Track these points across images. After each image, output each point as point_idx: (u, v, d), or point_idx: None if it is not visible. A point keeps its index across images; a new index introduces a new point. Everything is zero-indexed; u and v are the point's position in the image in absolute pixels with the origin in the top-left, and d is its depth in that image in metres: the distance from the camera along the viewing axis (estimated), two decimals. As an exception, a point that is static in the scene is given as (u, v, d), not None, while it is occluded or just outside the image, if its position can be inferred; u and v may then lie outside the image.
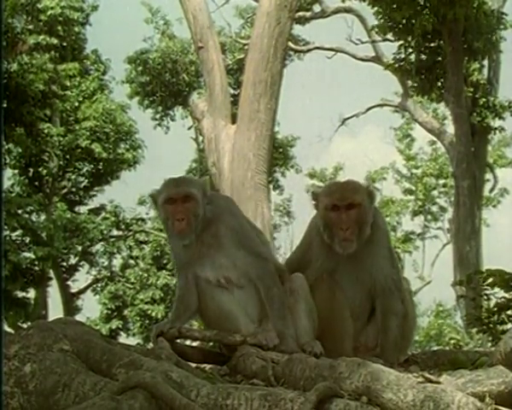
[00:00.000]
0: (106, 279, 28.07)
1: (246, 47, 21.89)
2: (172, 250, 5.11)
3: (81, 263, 27.39)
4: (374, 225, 4.95)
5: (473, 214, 20.50)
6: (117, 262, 28.72)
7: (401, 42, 20.85)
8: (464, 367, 3.99)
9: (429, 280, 33.12)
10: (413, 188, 33.54)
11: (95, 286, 28.13)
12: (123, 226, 28.24)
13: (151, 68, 28.77)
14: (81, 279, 27.69)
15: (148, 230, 28.45)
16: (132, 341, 26.02)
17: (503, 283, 6.88)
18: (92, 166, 26.96)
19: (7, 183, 24.63)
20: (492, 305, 7.24)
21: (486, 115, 21.06)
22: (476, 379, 3.52)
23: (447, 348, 10.04)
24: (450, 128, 23.51)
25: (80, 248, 26.29)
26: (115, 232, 28.21)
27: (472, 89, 21.07)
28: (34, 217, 24.28)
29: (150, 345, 5.47)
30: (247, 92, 13.22)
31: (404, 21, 19.71)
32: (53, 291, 25.99)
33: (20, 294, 23.17)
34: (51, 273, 25.38)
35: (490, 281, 7.04)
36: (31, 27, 24.44)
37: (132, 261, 28.48)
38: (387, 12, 19.59)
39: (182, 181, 4.97)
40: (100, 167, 26.90)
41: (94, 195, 27.90)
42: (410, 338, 5.17)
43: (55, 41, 24.92)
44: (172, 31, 29.57)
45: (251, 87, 13.16)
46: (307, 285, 4.88)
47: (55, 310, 25.39)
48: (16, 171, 25.66)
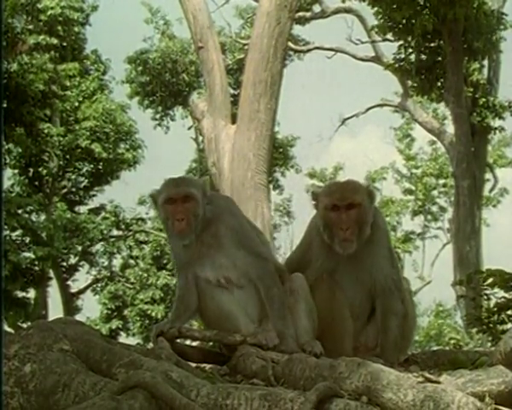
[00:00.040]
0: (106, 279, 28.07)
1: (246, 47, 21.88)
2: (172, 250, 5.11)
3: (81, 263, 27.39)
4: (374, 225, 4.95)
5: (473, 214, 20.49)
6: (117, 262, 28.77)
7: (401, 42, 20.84)
8: (464, 367, 3.99)
9: (429, 280, 33.13)
10: (413, 188, 33.53)
11: (95, 286, 28.12)
12: (123, 226, 28.24)
13: (151, 68, 28.76)
14: (81, 279, 27.75)
15: (148, 230, 28.44)
16: (132, 341, 26.03)
17: (503, 283, 6.87)
18: (92, 166, 26.96)
19: (7, 183, 24.68)
20: (492, 305, 7.22)
21: (486, 115, 21.06)
22: (476, 379, 3.52)
23: (447, 348, 10.03)
24: (450, 128, 23.52)
25: (80, 248, 26.29)
26: (115, 232, 28.21)
27: (472, 89, 21.06)
28: (34, 217, 24.30)
29: (150, 345, 5.47)
30: (247, 92, 13.21)
31: (404, 21, 19.70)
32: (53, 291, 26.03)
33: (20, 294, 23.17)
34: (51, 273, 25.38)
35: (490, 281, 7.02)
36: (31, 27, 24.43)
37: (132, 261, 28.47)
38: (387, 12, 19.59)
39: (182, 181, 4.97)
40: (100, 167, 26.90)
41: (94, 195, 27.92)
42: (410, 338, 5.17)
43: (55, 41, 24.92)
44: (172, 31, 29.62)
45: (251, 87, 13.15)
46: (307, 285, 4.88)
47: (55, 310, 25.42)
48: (16, 171, 25.66)
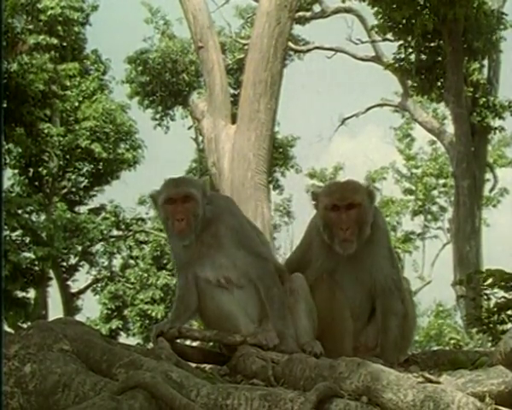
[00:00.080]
0: (106, 279, 28.06)
1: (246, 47, 21.88)
2: (172, 250, 5.11)
3: (81, 263, 27.39)
4: (374, 225, 4.95)
5: (473, 214, 20.49)
6: (117, 262, 28.76)
7: (401, 42, 20.84)
8: (464, 367, 3.99)
9: (429, 280, 33.12)
10: (413, 188, 33.53)
11: (95, 286, 28.12)
12: (123, 226, 28.23)
13: (151, 68, 28.76)
14: (81, 279, 27.74)
15: (148, 230, 28.44)
16: (132, 341, 26.04)
17: (503, 283, 6.87)
18: (92, 166, 26.96)
19: (7, 183, 24.68)
20: (492, 305, 7.22)
21: (486, 115, 21.06)
22: (476, 379, 3.52)
23: (447, 348, 10.03)
24: (450, 128, 23.51)
25: (80, 248, 26.29)
26: (115, 232, 28.20)
27: (472, 89, 21.07)
28: (34, 217, 24.30)
29: (150, 345, 5.47)
30: (247, 92, 13.21)
31: (404, 21, 19.70)
32: (53, 291, 26.03)
33: (20, 294, 23.16)
34: (51, 273, 25.37)
35: (490, 281, 7.02)
36: (31, 27, 24.44)
37: (132, 261, 28.47)
38: (387, 12, 19.58)
39: (182, 181, 4.97)
40: (100, 167, 26.90)
41: (94, 195, 27.92)
42: (410, 338, 5.16)
43: (55, 41, 24.92)
44: (172, 31, 29.62)
45: (251, 87, 13.15)
46: (307, 285, 4.88)
47: (55, 310, 25.42)
48: (16, 171, 25.66)
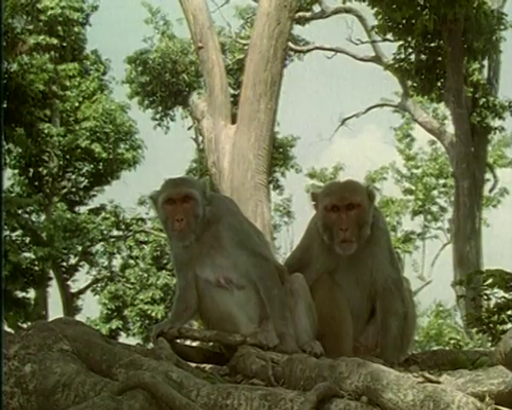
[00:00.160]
0: (106, 279, 28.05)
1: (246, 47, 21.87)
2: (172, 251, 5.10)
3: (81, 263, 27.39)
4: (374, 226, 4.94)
5: (473, 214, 20.50)
6: (117, 262, 28.76)
7: (401, 42, 20.83)
8: (464, 367, 4.00)
9: (429, 280, 33.12)
10: (413, 188, 33.53)
11: (95, 286, 28.10)
12: (123, 226, 28.23)
13: (151, 68, 28.75)
14: (81, 279, 27.75)
15: (148, 230, 28.43)
16: (132, 341, 26.03)
17: (503, 283, 6.86)
18: (92, 166, 26.97)
19: (7, 183, 24.70)
20: (492, 305, 7.22)
21: (486, 115, 21.06)
22: (476, 379, 3.52)
23: (447, 348, 10.05)
24: (450, 128, 23.52)
25: (80, 248, 26.31)
26: (115, 232, 28.21)
27: (472, 89, 21.06)
28: (34, 217, 24.37)
29: (150, 345, 5.47)
30: (247, 92, 13.21)
31: (404, 21, 19.70)
32: (53, 291, 26.04)
33: (20, 294, 23.16)
34: (51, 273, 25.37)
35: (490, 281, 7.01)
36: (31, 27, 24.45)
37: (132, 261, 28.45)
38: (387, 12, 19.57)
39: (181, 181, 4.97)
40: (100, 167, 26.91)
41: (94, 195, 27.93)
42: (410, 338, 5.15)
43: (55, 41, 24.93)
44: (172, 31, 29.59)
45: (251, 87, 13.15)
46: (307, 286, 4.88)
47: (55, 310, 25.42)
48: (16, 171, 25.68)
